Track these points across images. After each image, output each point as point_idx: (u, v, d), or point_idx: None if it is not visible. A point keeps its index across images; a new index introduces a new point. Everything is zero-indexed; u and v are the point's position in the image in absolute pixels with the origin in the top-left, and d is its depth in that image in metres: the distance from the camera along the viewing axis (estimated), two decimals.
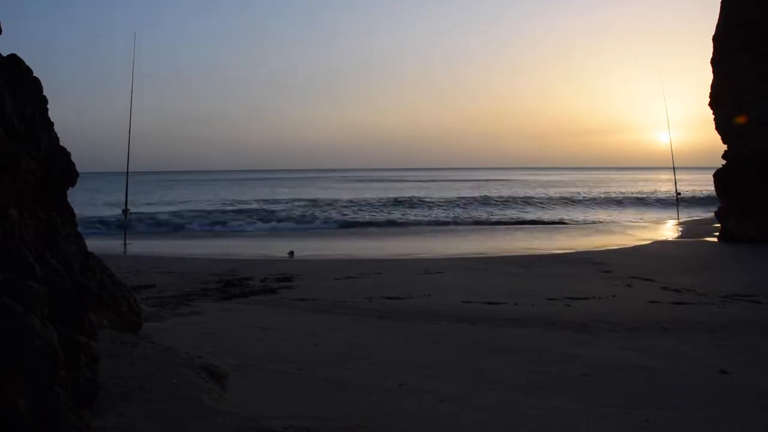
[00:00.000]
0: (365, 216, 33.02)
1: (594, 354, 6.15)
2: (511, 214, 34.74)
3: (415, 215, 33.67)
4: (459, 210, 37.11)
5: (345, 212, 34.71)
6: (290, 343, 6.51)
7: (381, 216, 33.13)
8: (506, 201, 45.09)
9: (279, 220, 30.62)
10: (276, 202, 44.47)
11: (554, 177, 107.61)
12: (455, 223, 30.01)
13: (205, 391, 3.97)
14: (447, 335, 7.07)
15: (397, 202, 40.64)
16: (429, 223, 29.76)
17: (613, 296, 9.54)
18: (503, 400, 4.75)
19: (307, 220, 30.71)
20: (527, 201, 45.71)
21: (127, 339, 4.85)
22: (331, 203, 41.11)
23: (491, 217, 32.74)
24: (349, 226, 28.96)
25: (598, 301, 9.18)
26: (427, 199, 43.43)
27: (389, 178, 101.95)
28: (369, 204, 40.01)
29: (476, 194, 55.59)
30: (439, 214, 34.40)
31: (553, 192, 58.92)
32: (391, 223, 29.92)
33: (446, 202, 41.88)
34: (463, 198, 46.14)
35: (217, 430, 3.36)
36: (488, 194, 54.75)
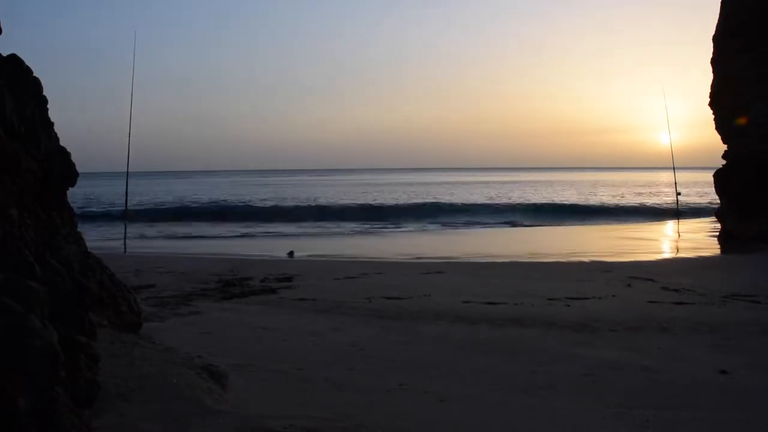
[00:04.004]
0: None
1: (594, 354, 6.15)
2: (511, 214, 34.70)
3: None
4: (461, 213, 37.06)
5: None
6: (290, 343, 6.51)
7: None
8: (506, 201, 45.07)
9: None
10: None
11: (554, 177, 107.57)
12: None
13: (205, 391, 3.97)
14: (447, 335, 7.07)
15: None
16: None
17: (613, 296, 9.53)
18: (503, 400, 4.76)
19: None
20: (527, 201, 45.69)
21: (127, 339, 4.85)
22: None
23: (490, 218, 32.69)
24: None
25: (598, 301, 9.17)
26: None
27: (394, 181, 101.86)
28: None
29: (480, 195, 55.58)
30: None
31: (552, 192, 58.91)
32: None
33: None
34: (465, 199, 46.16)
35: (217, 430, 3.36)
36: (490, 195, 54.74)
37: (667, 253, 18.83)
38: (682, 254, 17.29)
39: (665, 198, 43.48)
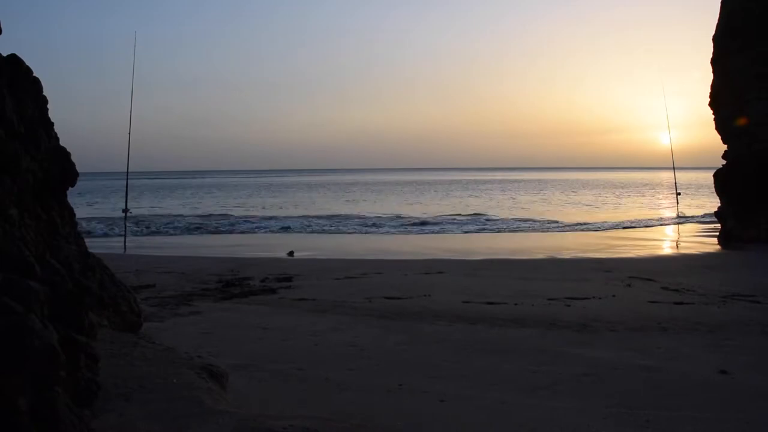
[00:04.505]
0: None
1: (594, 354, 6.15)
2: (511, 214, 34.70)
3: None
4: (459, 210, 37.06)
5: None
6: (290, 343, 6.51)
7: None
8: (506, 201, 45.08)
9: None
10: None
11: (554, 177, 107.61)
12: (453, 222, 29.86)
13: (205, 391, 3.97)
14: (447, 335, 7.07)
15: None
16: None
17: (613, 296, 9.54)
18: (503, 400, 4.76)
19: None
20: (526, 201, 45.68)
21: (127, 339, 4.85)
22: None
23: (490, 217, 32.68)
24: None
25: (598, 301, 9.17)
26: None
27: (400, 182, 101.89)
28: None
29: (479, 195, 55.68)
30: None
31: (552, 192, 58.93)
32: None
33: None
34: (465, 198, 46.08)
35: (217, 430, 3.36)
36: (489, 195, 54.84)
37: (667, 253, 18.83)
38: (682, 254, 17.30)
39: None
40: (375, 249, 18.99)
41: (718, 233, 19.14)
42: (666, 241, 21.97)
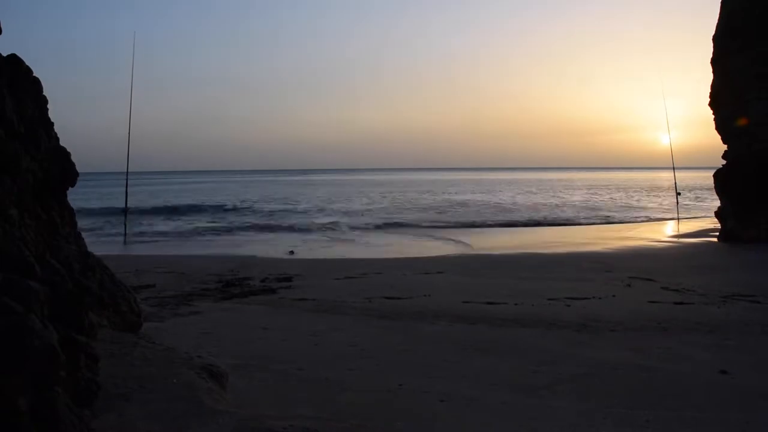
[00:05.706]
0: None
1: (594, 354, 6.15)
2: (511, 214, 34.70)
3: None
4: (458, 210, 37.05)
5: None
6: (290, 343, 6.51)
7: None
8: (506, 201, 45.11)
9: None
10: None
11: (554, 177, 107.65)
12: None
13: (205, 391, 3.97)
14: (447, 335, 7.07)
15: None
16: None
17: (613, 296, 9.54)
18: (503, 400, 4.76)
19: None
20: (527, 201, 45.68)
21: (127, 339, 4.84)
22: None
23: (490, 217, 32.66)
24: None
25: (598, 301, 9.17)
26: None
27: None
28: None
29: (479, 194, 55.69)
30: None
31: (552, 192, 58.92)
32: None
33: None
34: (465, 198, 46.07)
35: (217, 430, 3.36)
36: (490, 194, 54.85)
37: (667, 253, 18.82)
38: (682, 254, 17.28)
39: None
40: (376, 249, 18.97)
41: (718, 233, 19.15)
42: (666, 241, 21.97)
